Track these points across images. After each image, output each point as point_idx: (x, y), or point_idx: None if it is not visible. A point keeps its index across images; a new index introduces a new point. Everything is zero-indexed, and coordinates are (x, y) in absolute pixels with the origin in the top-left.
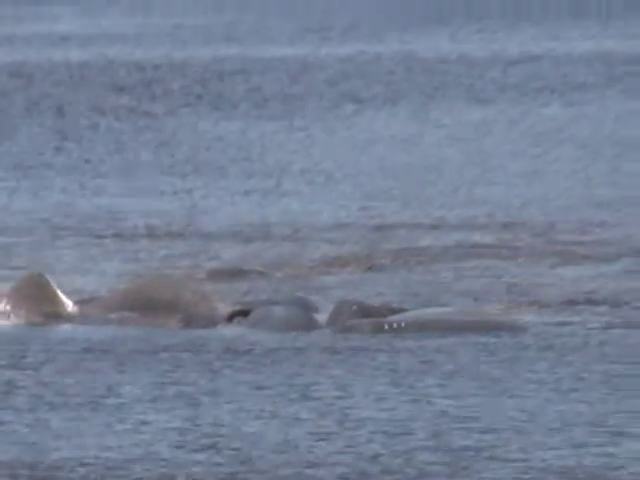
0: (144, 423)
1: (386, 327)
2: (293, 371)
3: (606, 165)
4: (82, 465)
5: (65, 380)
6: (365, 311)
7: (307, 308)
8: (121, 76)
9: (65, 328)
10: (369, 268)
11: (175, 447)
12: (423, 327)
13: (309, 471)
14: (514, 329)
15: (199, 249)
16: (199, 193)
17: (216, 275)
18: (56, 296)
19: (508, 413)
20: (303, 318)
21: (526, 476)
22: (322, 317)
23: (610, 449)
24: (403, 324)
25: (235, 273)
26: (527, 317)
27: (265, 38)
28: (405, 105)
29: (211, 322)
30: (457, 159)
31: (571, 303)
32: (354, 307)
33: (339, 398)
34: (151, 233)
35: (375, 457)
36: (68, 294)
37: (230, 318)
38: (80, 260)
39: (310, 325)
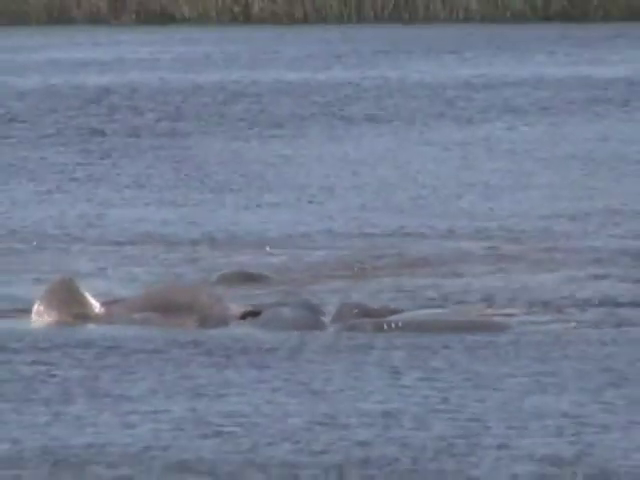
0: (162, 412)
1: (385, 327)
2: (300, 366)
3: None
4: (103, 453)
5: (91, 374)
6: (366, 312)
7: (313, 309)
8: (145, 99)
9: (92, 327)
10: (357, 272)
11: (189, 435)
12: (418, 327)
13: (309, 458)
14: (499, 328)
15: (210, 256)
16: (211, 205)
17: (226, 280)
18: (84, 298)
19: (491, 404)
20: (310, 318)
21: (510, 461)
22: (327, 318)
23: (585, 438)
24: (400, 324)
25: (244, 278)
26: (511, 318)
27: (273, 64)
28: (399, 125)
29: (224, 322)
30: (444, 174)
31: (551, 305)
32: (355, 309)
33: (340, 391)
34: (167, 241)
35: (369, 444)
36: (95, 297)
37: (242, 318)
38: (104, 266)
39: (316, 325)
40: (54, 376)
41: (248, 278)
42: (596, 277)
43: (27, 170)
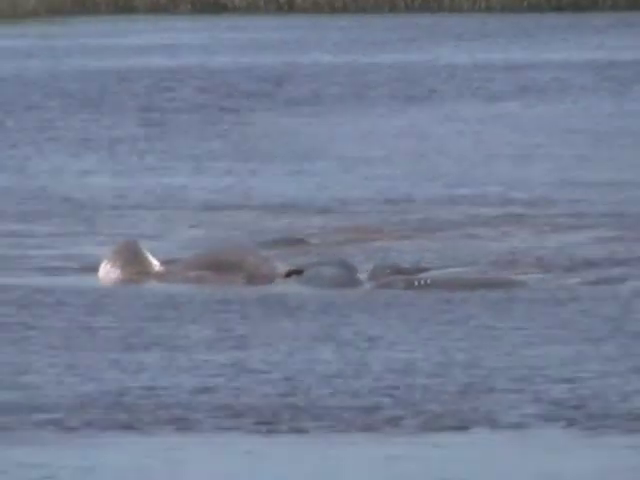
0: (210, 360)
1: (416, 284)
2: (336, 319)
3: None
4: (156, 395)
5: (149, 325)
6: (398, 271)
7: (350, 268)
8: (199, 79)
9: (153, 284)
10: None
11: (236, 380)
12: (444, 284)
13: (335, 400)
14: (514, 285)
15: (258, 220)
16: (259, 174)
17: (273, 243)
18: (146, 258)
19: (501, 354)
20: (348, 276)
21: (520, 403)
22: (363, 276)
23: (575, 384)
24: (429, 281)
25: (285, 241)
26: (525, 276)
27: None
28: (431, 103)
29: (270, 280)
30: (460, 148)
31: (560, 265)
32: (388, 269)
33: (370, 340)
34: (215, 207)
35: (394, 389)
36: (155, 257)
37: (287, 276)
38: (164, 229)
39: (353, 282)
40: (116, 327)
41: (292, 241)
42: (599, 239)
43: (96, 143)
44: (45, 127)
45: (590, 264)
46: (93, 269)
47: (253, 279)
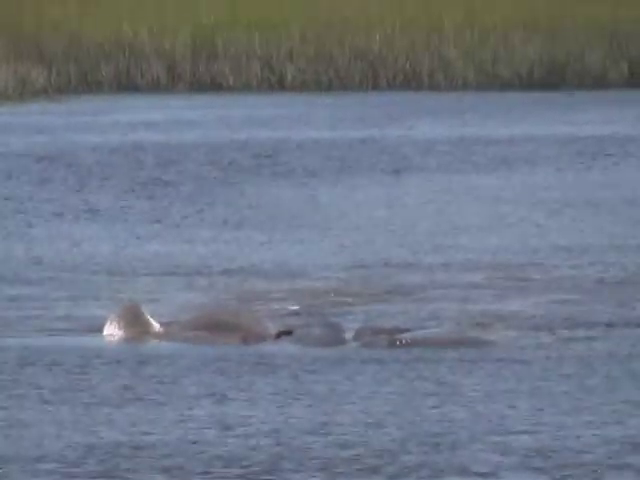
0: (204, 415)
1: (397, 343)
2: (320, 377)
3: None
4: (149, 448)
5: (152, 380)
6: (381, 331)
7: (337, 329)
8: (199, 154)
9: (153, 343)
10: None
11: (224, 432)
12: (421, 343)
13: (316, 451)
14: (485, 345)
15: (242, 284)
16: (243, 241)
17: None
18: (147, 320)
19: (466, 408)
20: (335, 336)
21: (488, 453)
22: (349, 335)
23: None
24: (409, 340)
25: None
26: (496, 336)
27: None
28: (410, 175)
29: (263, 339)
30: (434, 217)
31: (531, 327)
32: (371, 329)
33: (350, 394)
34: (209, 272)
35: (366, 441)
36: (155, 318)
37: (278, 336)
38: (163, 293)
39: (340, 341)
40: (120, 383)
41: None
42: (570, 302)
43: (98, 213)
44: (49, 198)
45: (558, 325)
46: (94, 330)
47: (247, 339)
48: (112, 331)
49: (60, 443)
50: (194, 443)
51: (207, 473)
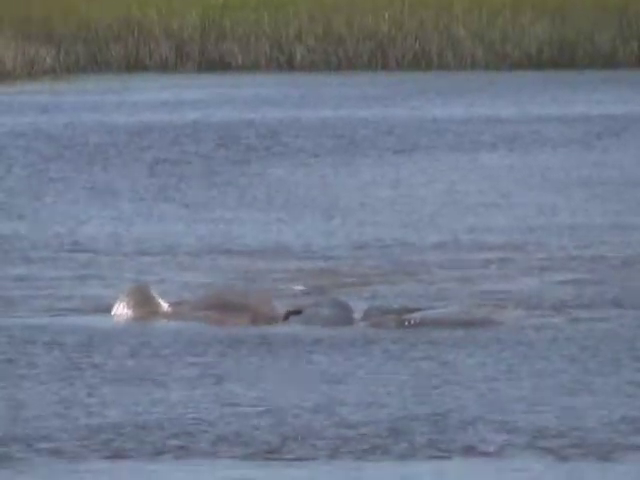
0: (208, 394)
1: (406, 323)
2: (337, 355)
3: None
4: (155, 427)
5: (159, 359)
6: (389, 311)
7: (346, 309)
8: (207, 133)
9: (162, 323)
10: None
11: (229, 412)
12: (429, 323)
13: (323, 430)
14: (494, 324)
15: (250, 264)
16: (250, 221)
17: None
18: (155, 299)
19: (471, 388)
20: (343, 316)
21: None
22: (357, 315)
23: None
24: (417, 320)
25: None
26: (503, 316)
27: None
28: (418, 154)
29: (272, 319)
30: (443, 197)
31: (538, 305)
32: (380, 309)
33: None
34: (215, 252)
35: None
36: (164, 298)
37: (286, 317)
38: (171, 272)
39: (349, 321)
40: (129, 363)
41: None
42: (576, 282)
43: (106, 193)
44: (56, 177)
45: (563, 305)
46: (101, 310)
47: (256, 319)
48: (121, 311)
49: (63, 422)
50: (199, 423)
51: (212, 453)
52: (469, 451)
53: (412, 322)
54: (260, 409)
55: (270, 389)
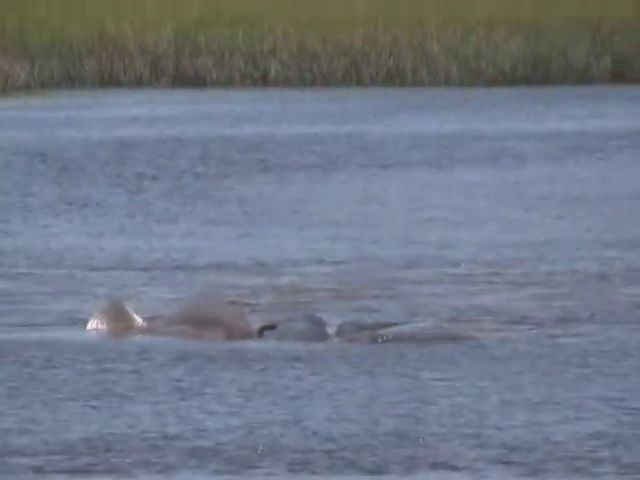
0: (178, 408)
1: (379, 340)
2: (307, 371)
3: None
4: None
5: (138, 373)
6: (363, 326)
7: (320, 323)
8: (179, 148)
9: (136, 337)
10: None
11: (200, 427)
12: (402, 338)
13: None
14: (465, 339)
15: (222, 279)
16: (221, 236)
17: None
18: (130, 314)
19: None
20: (317, 331)
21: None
22: (331, 330)
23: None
24: (390, 336)
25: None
26: (476, 331)
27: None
28: (392, 170)
29: (247, 334)
30: (414, 213)
31: (509, 320)
32: (354, 325)
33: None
34: (189, 267)
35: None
36: (138, 313)
37: (261, 332)
38: (142, 287)
39: (323, 337)
40: (105, 377)
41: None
42: (549, 297)
43: (79, 208)
44: (30, 192)
45: (531, 320)
46: (78, 325)
47: (231, 334)
48: (96, 326)
49: (31, 438)
50: (168, 438)
51: (181, 468)
52: (439, 466)
53: (385, 338)
54: (230, 424)
55: (240, 404)
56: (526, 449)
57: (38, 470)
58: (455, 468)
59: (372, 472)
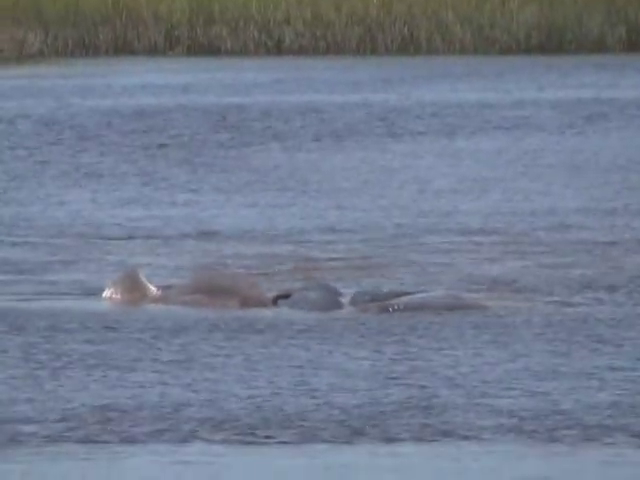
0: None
1: (390, 309)
2: (318, 339)
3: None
4: (143, 408)
5: (148, 342)
6: (375, 296)
7: (334, 293)
8: (194, 117)
9: (151, 307)
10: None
11: (210, 396)
12: (413, 308)
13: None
14: (479, 308)
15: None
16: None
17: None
18: (145, 284)
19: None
20: (331, 300)
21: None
22: (345, 299)
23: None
24: (401, 306)
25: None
26: (487, 300)
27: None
28: (407, 139)
29: (261, 303)
30: (428, 182)
31: (518, 289)
32: (367, 295)
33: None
34: (200, 236)
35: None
36: (153, 283)
37: (275, 301)
38: (161, 257)
39: (336, 306)
40: (119, 345)
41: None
42: (560, 265)
43: (93, 176)
44: (44, 161)
45: (541, 290)
46: (97, 294)
47: (245, 303)
48: (111, 295)
49: (39, 406)
50: (177, 407)
51: (189, 436)
52: (449, 434)
53: (396, 307)
54: (238, 392)
55: (247, 373)
56: (536, 418)
57: (46, 438)
58: (466, 437)
59: (381, 441)
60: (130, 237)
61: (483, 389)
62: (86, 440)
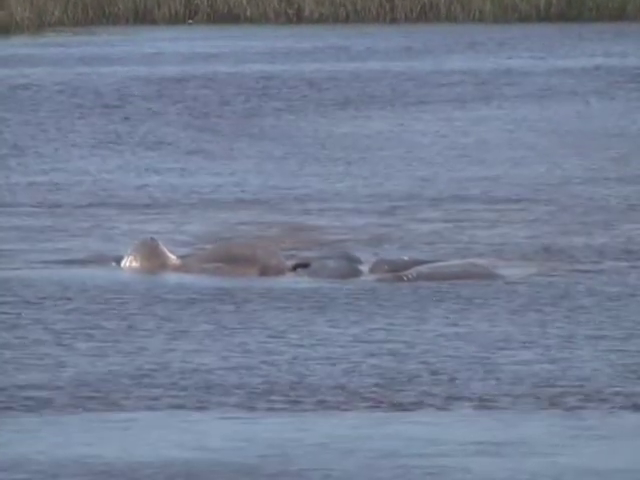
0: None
1: (404, 278)
2: (343, 308)
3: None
4: (156, 376)
5: (166, 311)
6: (394, 265)
7: (353, 261)
8: (217, 85)
9: (170, 276)
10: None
11: (222, 362)
12: (428, 277)
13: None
14: (493, 278)
15: (259, 215)
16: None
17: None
18: (164, 253)
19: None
20: (350, 269)
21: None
22: (364, 267)
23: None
24: (420, 275)
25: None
26: (503, 270)
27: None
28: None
29: (280, 272)
30: (451, 149)
31: (534, 258)
32: (386, 264)
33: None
34: (223, 204)
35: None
36: (172, 251)
37: (294, 269)
38: (181, 225)
39: (356, 274)
40: (136, 314)
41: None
42: (574, 233)
43: (114, 144)
44: (64, 129)
45: (564, 256)
46: (111, 262)
47: (265, 272)
48: (130, 264)
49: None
50: (192, 372)
51: (205, 403)
52: (467, 400)
53: (410, 276)
54: (251, 359)
55: (262, 340)
56: (556, 385)
57: (49, 403)
58: (485, 406)
59: (397, 409)
60: (152, 206)
61: (500, 357)
62: (89, 409)
